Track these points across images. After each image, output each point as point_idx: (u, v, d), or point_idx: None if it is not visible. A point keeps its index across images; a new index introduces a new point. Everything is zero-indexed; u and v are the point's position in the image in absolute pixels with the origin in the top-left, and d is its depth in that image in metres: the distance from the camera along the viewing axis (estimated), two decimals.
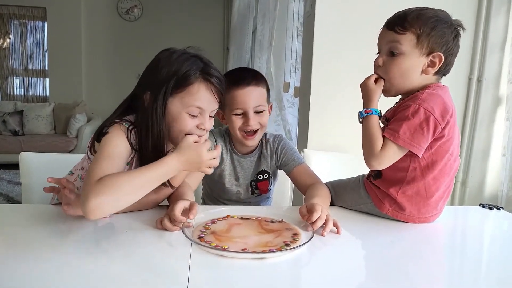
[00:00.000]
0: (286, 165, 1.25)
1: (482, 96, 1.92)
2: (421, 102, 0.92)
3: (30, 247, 0.75)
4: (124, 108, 0.95)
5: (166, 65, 0.90)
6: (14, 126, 4.95)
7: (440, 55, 0.94)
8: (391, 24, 0.97)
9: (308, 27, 1.90)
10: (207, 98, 0.92)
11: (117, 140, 0.86)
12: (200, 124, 0.93)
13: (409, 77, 0.96)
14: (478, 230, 1.07)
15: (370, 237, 0.94)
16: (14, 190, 3.87)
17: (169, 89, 0.89)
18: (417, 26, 0.93)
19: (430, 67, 0.95)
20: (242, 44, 3.93)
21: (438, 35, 0.93)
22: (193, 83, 0.90)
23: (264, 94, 1.20)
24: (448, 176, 0.99)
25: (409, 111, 0.92)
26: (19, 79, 5.77)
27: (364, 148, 0.98)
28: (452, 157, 0.98)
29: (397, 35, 0.95)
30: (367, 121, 0.99)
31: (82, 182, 1.00)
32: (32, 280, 0.62)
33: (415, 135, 0.91)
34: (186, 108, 0.90)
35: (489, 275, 0.78)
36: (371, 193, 1.05)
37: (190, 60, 0.91)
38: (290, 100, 2.59)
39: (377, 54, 1.02)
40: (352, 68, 1.80)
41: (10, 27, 5.61)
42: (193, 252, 0.75)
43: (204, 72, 0.91)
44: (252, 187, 1.30)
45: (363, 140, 0.99)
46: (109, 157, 0.82)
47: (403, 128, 0.91)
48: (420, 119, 0.91)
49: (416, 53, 0.94)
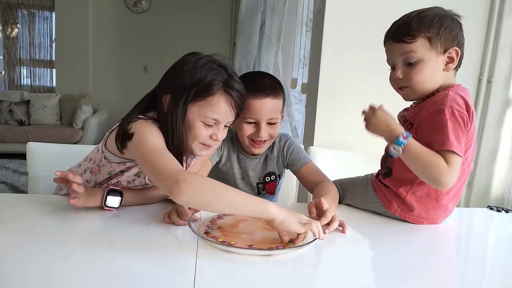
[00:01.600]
0: (293, 164, 1.24)
1: (491, 97, 1.90)
2: (452, 104, 0.89)
3: (36, 237, 0.76)
4: (145, 106, 0.95)
5: (190, 71, 0.89)
6: (20, 116, 4.97)
7: (456, 49, 0.94)
8: (396, 36, 0.95)
9: (317, 23, 1.89)
10: (225, 111, 0.92)
11: (155, 134, 0.86)
12: (213, 134, 0.93)
13: (433, 78, 0.95)
14: (486, 233, 1.06)
15: (377, 237, 0.93)
16: (20, 180, 3.90)
17: (190, 96, 0.88)
18: (425, 29, 0.92)
19: (450, 63, 0.95)
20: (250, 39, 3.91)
21: (447, 31, 0.93)
22: (214, 94, 0.90)
23: (280, 106, 1.17)
24: (459, 181, 0.97)
25: (446, 115, 0.88)
26: (26, 69, 5.80)
27: (427, 171, 0.88)
28: (467, 162, 0.96)
29: (407, 45, 0.93)
30: (411, 146, 0.88)
31: (92, 175, 1.01)
32: (38, 270, 0.62)
33: (460, 140, 0.87)
34: (202, 118, 0.91)
35: (495, 277, 0.77)
36: (380, 192, 1.04)
37: (215, 70, 0.91)
38: (297, 97, 2.58)
39: (389, 70, 1.01)
40: (361, 66, 1.79)
41: (18, 17, 5.63)
42: (200, 247, 0.75)
43: (227, 85, 0.91)
44: (259, 188, 1.29)
45: (418, 166, 0.89)
46: (163, 150, 0.83)
47: (451, 136, 0.86)
48: (457, 121, 0.88)
49: (433, 55, 0.93)
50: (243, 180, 1.28)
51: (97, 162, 0.99)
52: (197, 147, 0.95)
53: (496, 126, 1.93)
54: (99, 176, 1.00)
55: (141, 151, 0.83)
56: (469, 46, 1.87)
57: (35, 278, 0.60)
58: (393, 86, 1.02)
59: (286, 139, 1.29)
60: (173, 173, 0.74)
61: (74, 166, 1.08)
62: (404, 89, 0.99)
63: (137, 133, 0.85)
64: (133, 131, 0.86)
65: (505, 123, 1.92)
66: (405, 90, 0.99)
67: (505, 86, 1.90)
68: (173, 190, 0.71)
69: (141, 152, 0.82)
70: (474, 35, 1.89)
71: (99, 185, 1.01)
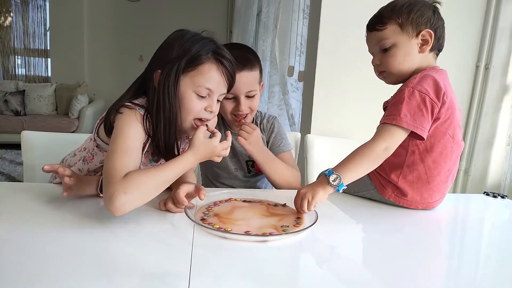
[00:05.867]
0: (272, 149, 1.25)
1: (489, 84, 1.89)
2: (414, 85, 0.93)
3: (33, 225, 0.75)
4: (135, 90, 0.92)
5: (178, 45, 0.88)
6: (16, 106, 4.94)
7: (429, 31, 0.96)
8: (371, 25, 1.01)
9: (314, 10, 1.87)
10: (217, 79, 0.90)
11: (132, 129, 0.84)
12: (208, 106, 0.91)
13: (409, 61, 0.98)
14: (481, 218, 1.06)
15: (373, 222, 0.93)
16: (16, 170, 3.89)
17: (181, 67, 0.87)
18: (395, 16, 0.97)
19: (424, 45, 0.98)
20: (246, 27, 3.88)
21: (417, 15, 0.96)
22: (204, 62, 0.88)
23: (257, 77, 1.16)
24: (450, 160, 0.98)
25: (404, 94, 0.92)
26: (21, 58, 5.73)
27: (370, 166, 0.91)
28: (454, 140, 0.97)
29: (379, 32, 0.99)
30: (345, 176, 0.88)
31: (84, 164, 1.00)
32: (35, 258, 0.62)
33: (416, 117, 0.90)
34: (195, 88, 0.88)
35: (490, 262, 0.77)
36: (374, 179, 1.05)
37: (203, 40, 0.90)
38: (294, 85, 2.57)
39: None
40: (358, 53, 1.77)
41: (12, 5, 5.54)
42: (196, 233, 0.75)
43: (216, 53, 0.89)
44: (248, 166, 1.29)
45: (365, 169, 0.91)
46: (127, 150, 0.81)
47: (403, 111, 0.90)
48: (417, 101, 0.91)
49: (405, 38, 0.97)
50: (233, 158, 1.29)
51: (90, 151, 0.99)
52: (192, 125, 0.92)
53: (493, 113, 1.93)
54: (91, 164, 0.99)
55: (110, 147, 0.82)
56: (466, 33, 1.88)
57: (27, 263, 0.60)
58: (375, 72, 1.06)
59: (273, 122, 1.29)
60: (113, 183, 0.74)
61: (68, 155, 1.07)
62: (382, 73, 1.03)
63: (116, 127, 0.84)
64: (115, 124, 0.85)
65: (502, 110, 1.92)
66: (383, 74, 1.03)
67: (503, 73, 1.89)
68: (106, 202, 0.74)
69: (110, 148, 0.82)
70: (471, 21, 1.88)
71: (93, 173, 1.01)
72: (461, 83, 1.92)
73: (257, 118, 1.30)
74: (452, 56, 1.09)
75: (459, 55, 1.89)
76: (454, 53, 1.86)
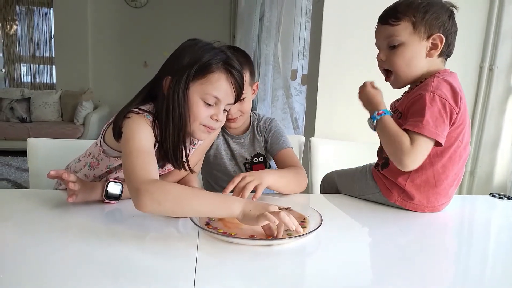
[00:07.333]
0: (271, 148, 1.24)
1: (493, 85, 1.88)
2: (434, 89, 0.90)
3: (39, 231, 0.76)
4: (143, 97, 0.93)
5: (190, 53, 0.89)
6: (21, 113, 4.98)
7: (440, 36, 0.94)
8: (384, 18, 0.98)
9: (317, 13, 1.87)
10: (225, 89, 0.91)
11: (143, 132, 0.85)
12: (214, 114, 0.92)
13: (415, 64, 0.96)
14: (488, 220, 1.05)
15: (378, 226, 0.93)
16: (22, 177, 3.91)
17: (191, 74, 0.88)
18: (410, 13, 0.93)
19: (433, 49, 0.95)
20: (249, 31, 3.89)
21: (433, 17, 0.93)
22: (214, 71, 0.89)
23: (247, 80, 1.15)
24: (457, 164, 0.97)
25: (426, 99, 0.90)
26: (26, 66, 5.79)
27: (391, 150, 0.92)
28: (462, 145, 0.96)
29: (392, 27, 0.96)
30: (383, 122, 0.94)
31: (90, 169, 1.00)
32: (41, 263, 0.62)
33: (437, 124, 0.88)
34: (203, 95, 0.89)
35: (497, 264, 0.76)
36: (379, 182, 1.04)
37: (214, 50, 0.91)
38: (298, 88, 2.57)
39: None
40: (361, 57, 1.78)
41: (17, 13, 5.61)
42: (201, 238, 0.75)
43: (227, 64, 0.90)
44: (247, 168, 1.29)
45: (386, 143, 0.94)
46: (144, 152, 0.81)
47: (426, 118, 0.88)
48: (438, 106, 0.89)
49: (415, 39, 0.94)
50: (232, 161, 1.29)
51: (96, 156, 0.99)
52: (199, 129, 0.93)
53: (498, 114, 1.91)
54: (97, 170, 1.00)
55: (124, 150, 0.82)
56: (470, 33, 1.87)
57: (34, 269, 0.60)
58: (379, 68, 1.04)
59: (270, 123, 1.29)
60: (139, 182, 0.74)
61: (73, 161, 1.08)
62: (390, 76, 1.01)
63: (126, 130, 0.85)
64: (124, 128, 0.86)
65: (507, 111, 1.90)
66: (391, 78, 1.01)
67: (507, 74, 1.88)
68: (135, 201, 0.73)
69: (124, 151, 0.82)
70: (475, 22, 1.87)
71: (99, 179, 1.01)
72: (465, 85, 1.90)
73: (254, 121, 1.30)
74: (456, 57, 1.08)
75: (463, 56, 1.88)
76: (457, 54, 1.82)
